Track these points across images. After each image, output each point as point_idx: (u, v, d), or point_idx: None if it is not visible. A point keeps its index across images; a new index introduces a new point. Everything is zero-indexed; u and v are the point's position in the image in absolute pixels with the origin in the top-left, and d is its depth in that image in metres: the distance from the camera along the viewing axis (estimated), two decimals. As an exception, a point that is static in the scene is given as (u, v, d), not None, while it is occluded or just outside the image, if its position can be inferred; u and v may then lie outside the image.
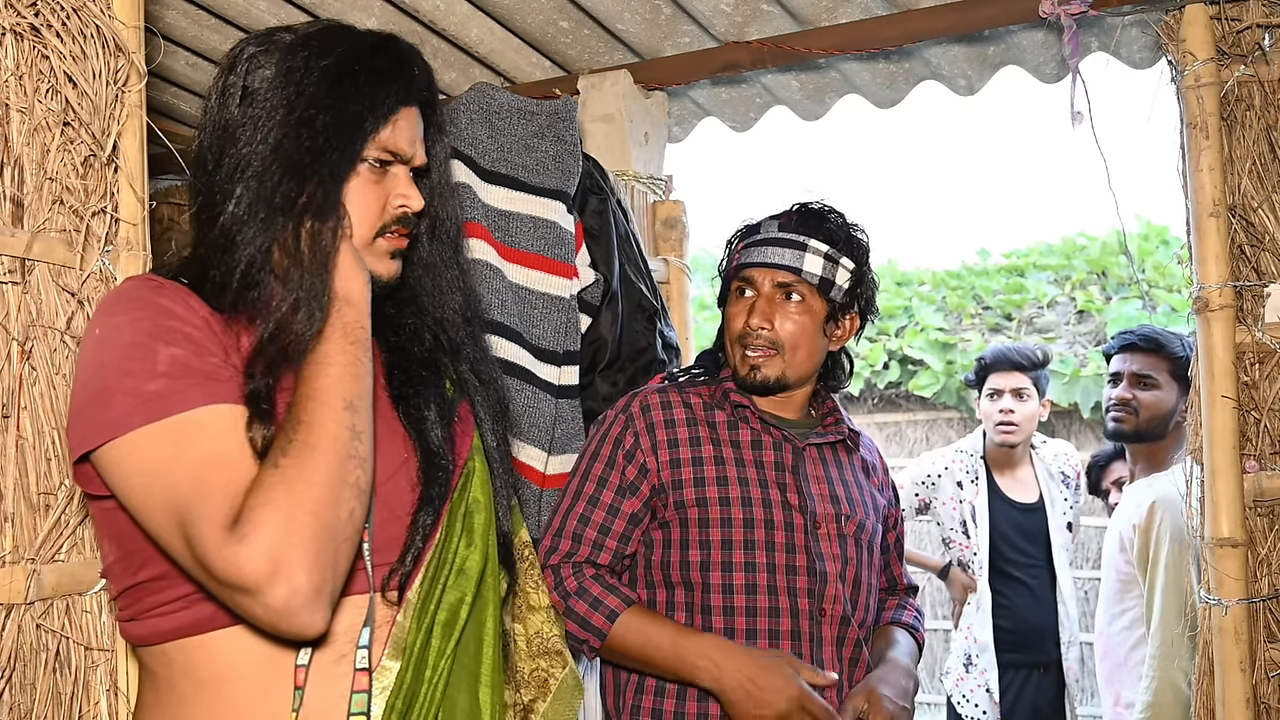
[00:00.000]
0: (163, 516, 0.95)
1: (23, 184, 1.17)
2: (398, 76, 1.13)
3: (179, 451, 0.95)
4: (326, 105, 1.07)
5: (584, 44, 2.63)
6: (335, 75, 1.09)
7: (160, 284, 1.06)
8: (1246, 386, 1.88)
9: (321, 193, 1.06)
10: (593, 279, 2.08)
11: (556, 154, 2.02)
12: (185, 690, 1.04)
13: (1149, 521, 2.52)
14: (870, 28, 2.44)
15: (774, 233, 1.75)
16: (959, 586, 3.40)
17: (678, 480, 1.70)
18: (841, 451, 1.82)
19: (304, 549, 0.91)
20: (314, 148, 1.06)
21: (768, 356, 1.71)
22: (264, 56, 1.10)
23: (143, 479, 0.96)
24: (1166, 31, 1.95)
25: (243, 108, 1.08)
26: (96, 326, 1.03)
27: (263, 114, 1.07)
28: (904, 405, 6.98)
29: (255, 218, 1.06)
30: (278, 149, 1.06)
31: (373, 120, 1.10)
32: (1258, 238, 1.90)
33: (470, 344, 1.27)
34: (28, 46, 1.18)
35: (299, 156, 1.06)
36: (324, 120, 1.07)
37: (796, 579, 1.66)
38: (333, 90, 1.08)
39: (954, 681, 3.35)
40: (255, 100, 1.08)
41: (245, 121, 1.08)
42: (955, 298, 6.98)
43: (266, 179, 1.06)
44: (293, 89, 1.08)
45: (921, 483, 3.51)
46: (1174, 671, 2.41)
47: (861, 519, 1.76)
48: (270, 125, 1.07)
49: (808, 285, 1.71)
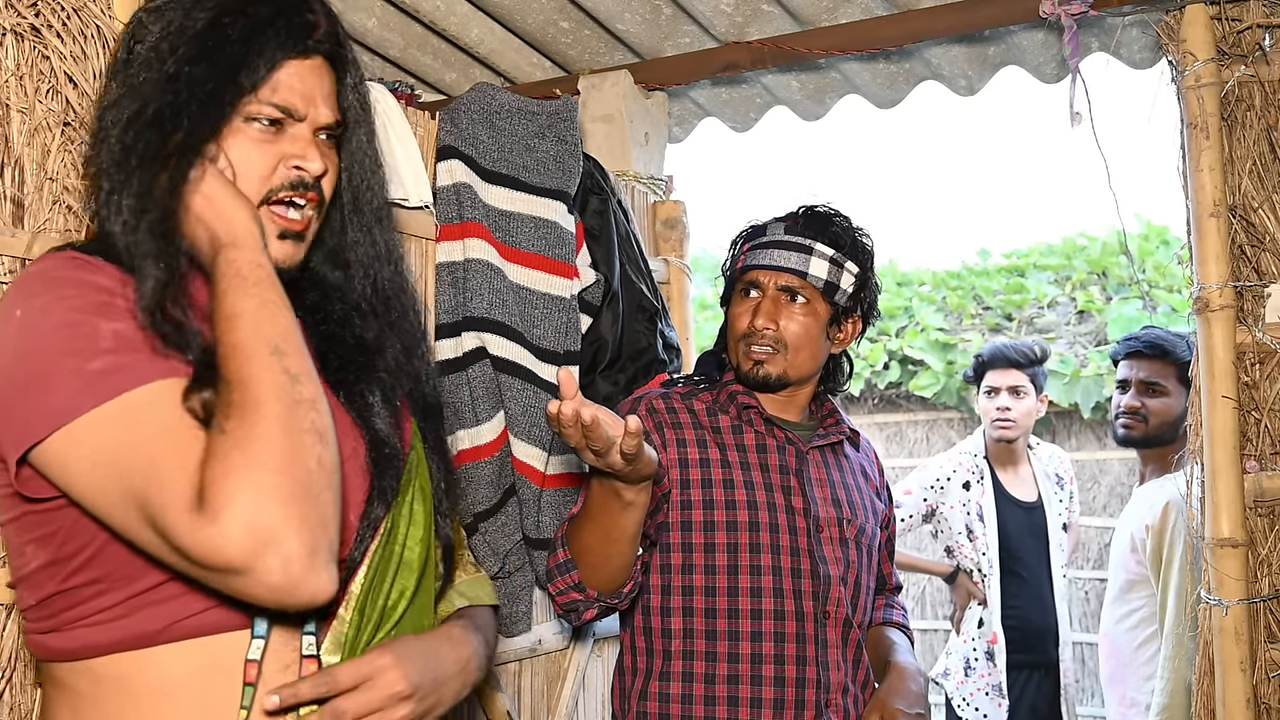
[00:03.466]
0: (123, 509, 0.86)
1: (23, 184, 1.18)
2: (282, 24, 1.00)
3: (134, 434, 0.86)
4: (196, 58, 0.97)
5: (584, 44, 2.63)
6: (209, 26, 0.98)
7: (83, 259, 0.95)
8: (1247, 386, 1.88)
9: (184, 144, 0.96)
10: (593, 279, 2.08)
11: (557, 154, 2.02)
12: (116, 707, 0.94)
13: (1163, 523, 2.52)
14: (870, 28, 2.44)
15: (780, 235, 1.74)
16: (964, 593, 3.40)
17: (685, 480, 1.70)
18: (842, 454, 1.83)
19: (283, 511, 0.82)
20: (177, 102, 0.96)
21: (771, 355, 1.72)
22: (149, 17, 1.01)
23: (97, 469, 0.86)
24: (1167, 32, 1.95)
25: (122, 74, 1.00)
26: (16, 309, 0.91)
27: (135, 74, 0.98)
28: (904, 405, 6.97)
29: (124, 175, 0.96)
30: (143, 108, 0.97)
31: (249, 72, 0.98)
32: (1258, 238, 1.90)
33: (398, 331, 1.14)
34: (28, 47, 1.18)
35: (163, 111, 0.96)
36: (192, 73, 0.97)
37: (801, 581, 1.67)
38: (205, 42, 0.98)
39: (954, 684, 3.35)
40: (132, 63, 1.00)
41: (123, 85, 0.99)
42: (955, 298, 6.97)
43: (131, 136, 0.96)
44: (166, 44, 0.98)
45: (930, 487, 3.51)
46: (1188, 672, 2.41)
47: (862, 522, 1.77)
48: (142, 84, 0.98)
49: (812, 288, 1.72)
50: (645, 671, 1.70)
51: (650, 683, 1.68)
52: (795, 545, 1.68)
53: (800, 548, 1.68)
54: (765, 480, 1.71)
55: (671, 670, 1.67)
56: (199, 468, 0.84)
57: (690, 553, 1.69)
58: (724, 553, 1.67)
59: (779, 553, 1.67)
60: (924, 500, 3.51)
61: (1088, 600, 6.22)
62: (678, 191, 2.76)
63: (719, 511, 1.68)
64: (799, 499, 1.71)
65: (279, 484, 0.83)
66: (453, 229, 1.92)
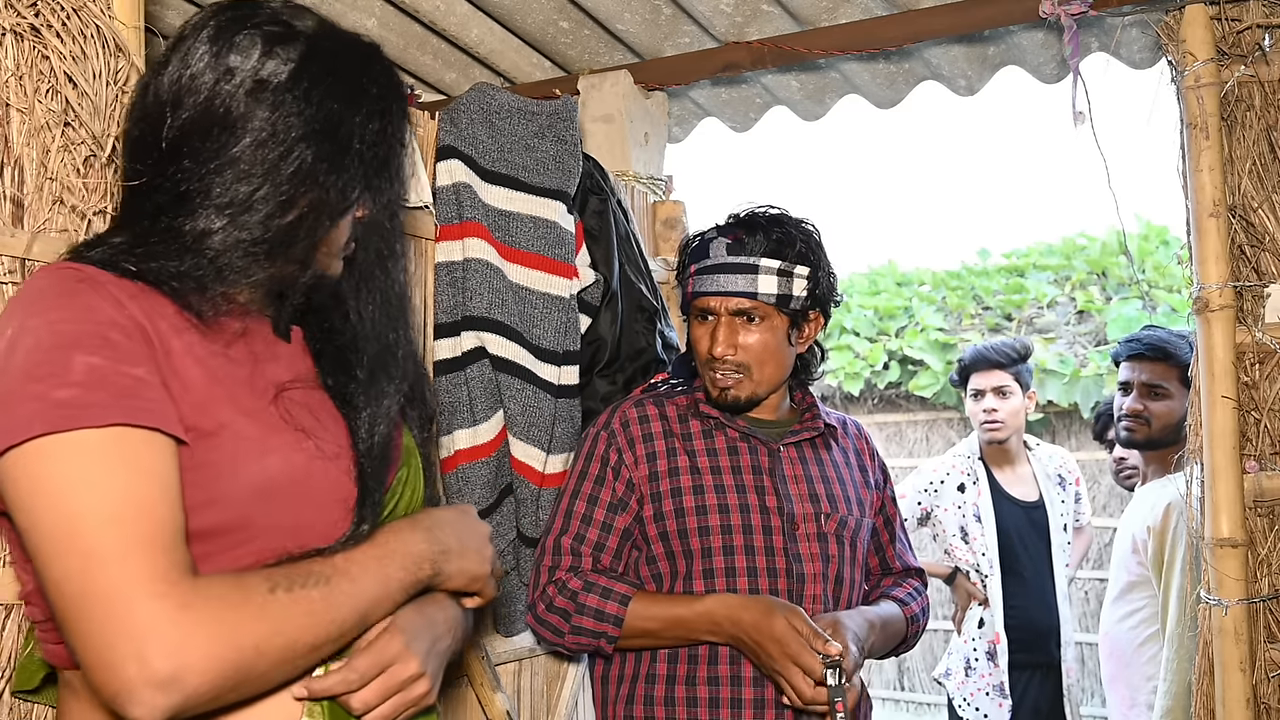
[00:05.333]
0: (56, 545, 0.84)
1: (23, 184, 1.18)
2: (404, 131, 1.10)
3: (87, 477, 0.84)
4: (341, 148, 1.02)
5: (584, 44, 2.63)
6: (368, 121, 1.03)
7: (86, 277, 0.93)
8: (1246, 387, 1.88)
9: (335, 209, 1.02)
10: (593, 279, 2.08)
11: (557, 154, 2.02)
12: None
13: (1164, 524, 2.51)
14: (870, 28, 2.44)
15: (723, 257, 1.73)
16: (963, 594, 3.40)
17: (656, 493, 1.73)
18: (821, 447, 1.83)
19: (216, 663, 0.83)
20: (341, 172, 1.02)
21: (737, 380, 1.73)
22: (279, 46, 1.00)
23: (37, 499, 0.84)
24: (1166, 32, 1.95)
25: (251, 101, 0.98)
26: (9, 326, 0.91)
27: (278, 124, 0.99)
28: (904, 405, 6.97)
29: (255, 244, 0.98)
30: (296, 173, 0.99)
31: (376, 174, 1.06)
32: (1258, 238, 1.90)
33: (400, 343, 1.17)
34: (28, 47, 1.18)
35: (307, 192, 1.00)
36: (336, 163, 1.01)
37: (776, 581, 1.68)
38: (363, 134, 1.03)
39: (955, 685, 3.35)
40: (267, 101, 0.99)
41: (252, 118, 0.98)
42: (955, 298, 6.97)
43: (270, 204, 0.98)
44: (311, 109, 1.00)
45: (924, 490, 3.51)
46: (1189, 673, 2.41)
47: (843, 515, 1.77)
48: (283, 145, 0.99)
49: (765, 305, 1.72)
50: (631, 676, 1.71)
51: (637, 686, 1.69)
52: (769, 545, 1.69)
53: (775, 547, 1.69)
54: (737, 482, 1.73)
55: (656, 673, 1.69)
56: (170, 546, 0.85)
57: (669, 560, 1.71)
58: (699, 558, 1.69)
59: (753, 553, 1.69)
60: (918, 504, 3.51)
61: (1088, 600, 6.22)
62: (677, 191, 2.76)
63: (690, 518, 1.70)
64: (772, 498, 1.72)
65: (242, 658, 0.85)
66: (452, 229, 1.92)
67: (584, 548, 1.73)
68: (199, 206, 0.97)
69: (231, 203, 0.98)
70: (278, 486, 0.97)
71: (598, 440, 1.79)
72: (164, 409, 0.90)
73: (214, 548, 0.95)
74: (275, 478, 0.97)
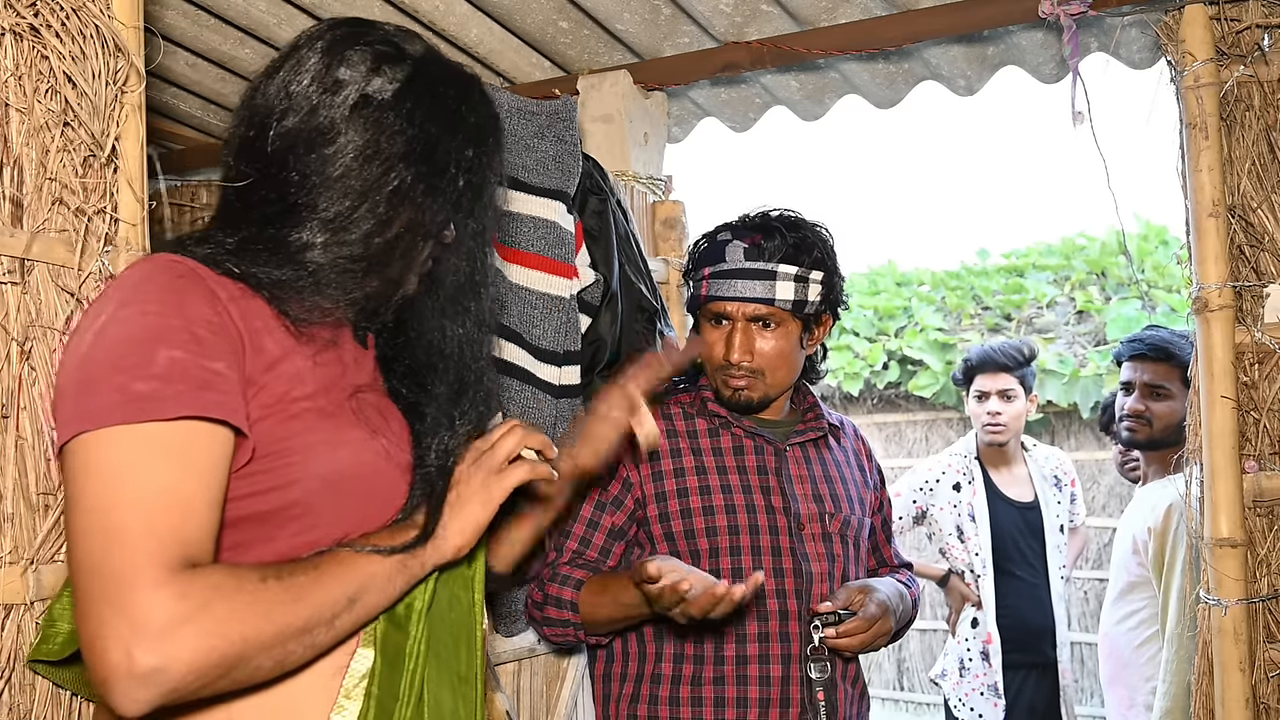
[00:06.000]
0: (88, 522, 0.87)
1: (22, 184, 1.17)
2: (499, 161, 1.15)
3: (136, 465, 0.88)
4: (438, 171, 1.06)
5: (584, 44, 2.63)
6: (464, 147, 1.08)
7: (187, 270, 0.97)
8: (1246, 387, 1.88)
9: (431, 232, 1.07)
10: (593, 279, 2.08)
11: (556, 154, 2.02)
12: None
13: (1165, 525, 2.51)
14: (870, 28, 2.44)
15: (741, 262, 1.72)
16: (957, 596, 3.40)
17: (661, 493, 1.72)
18: (824, 446, 1.83)
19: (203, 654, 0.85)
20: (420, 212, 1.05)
21: (751, 381, 1.73)
22: (387, 65, 1.05)
23: (89, 481, 0.88)
24: (1166, 32, 1.95)
25: (355, 115, 1.02)
26: (103, 311, 0.95)
27: (380, 141, 1.02)
28: (903, 405, 6.97)
29: (353, 261, 1.03)
30: (395, 192, 1.03)
31: (470, 200, 1.10)
32: (1257, 238, 1.90)
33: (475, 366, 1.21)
34: (27, 46, 1.18)
35: (404, 212, 1.04)
36: (433, 185, 1.05)
37: (784, 581, 1.68)
38: (459, 159, 1.07)
39: (950, 685, 3.36)
40: (370, 118, 1.03)
41: (355, 133, 1.02)
42: (955, 298, 6.97)
43: (370, 222, 1.02)
44: (413, 130, 1.04)
45: (919, 489, 3.51)
46: (1190, 674, 2.41)
47: (847, 514, 1.78)
48: (385, 163, 1.02)
49: (782, 311, 1.72)
50: (635, 676, 1.71)
51: (641, 686, 1.69)
52: (776, 545, 1.69)
53: (782, 547, 1.69)
54: (743, 482, 1.73)
55: (661, 673, 1.68)
56: (189, 540, 0.88)
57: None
58: (706, 558, 1.69)
59: (760, 554, 1.69)
60: (913, 502, 3.51)
61: (1087, 600, 6.22)
62: (677, 191, 2.76)
63: (697, 519, 1.70)
64: (778, 498, 1.72)
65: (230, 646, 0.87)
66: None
67: (568, 543, 1.74)
68: (305, 220, 1.02)
69: (334, 218, 1.02)
70: (345, 478, 1.02)
71: None
72: (234, 403, 0.94)
73: (276, 532, 1.00)
74: (344, 470, 1.02)
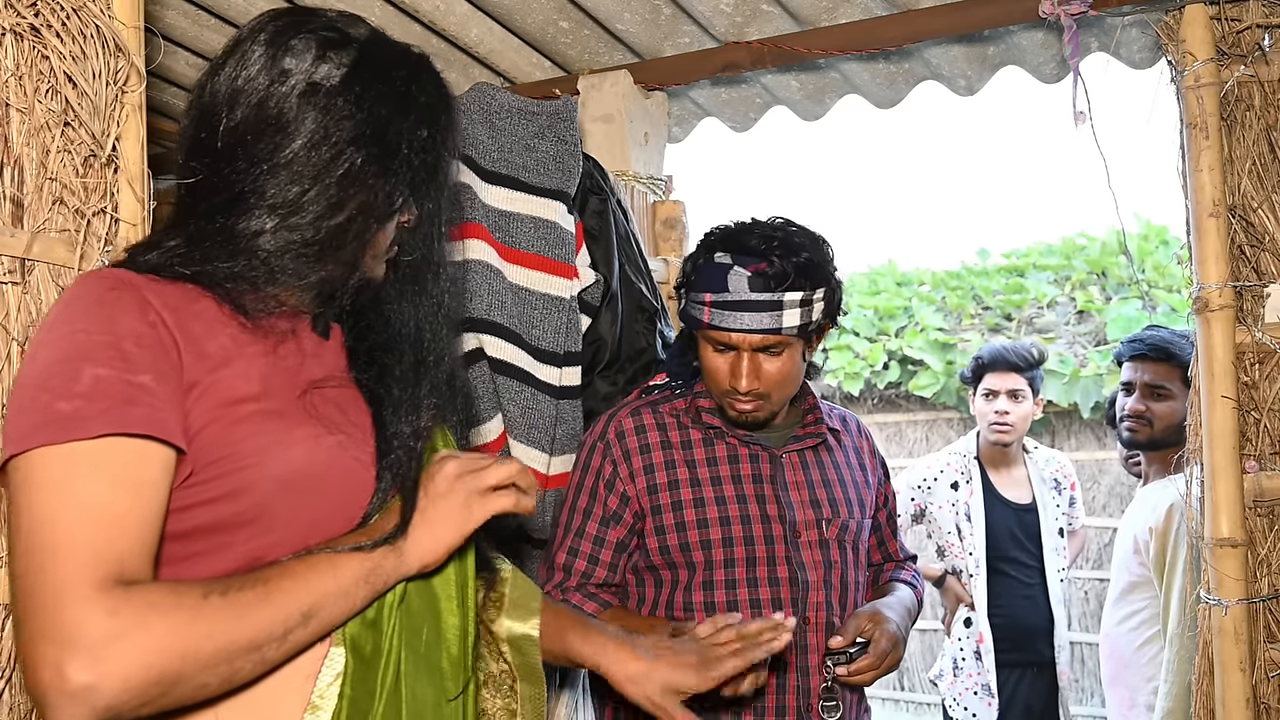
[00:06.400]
0: (24, 543, 0.86)
1: (23, 184, 1.17)
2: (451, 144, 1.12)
3: (66, 485, 0.87)
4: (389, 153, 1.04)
5: (584, 44, 2.63)
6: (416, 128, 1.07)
7: (118, 284, 0.96)
8: (1246, 387, 1.88)
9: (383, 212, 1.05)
10: (593, 279, 2.08)
11: (557, 154, 2.02)
12: None
13: (1167, 525, 2.51)
14: (870, 28, 2.44)
15: (745, 293, 1.65)
16: (952, 596, 3.40)
17: (656, 505, 1.72)
18: (823, 449, 1.82)
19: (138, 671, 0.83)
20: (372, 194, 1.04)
21: (757, 405, 1.71)
22: (333, 51, 1.04)
23: (22, 503, 0.88)
24: (1166, 32, 1.95)
25: (304, 102, 1.02)
26: (40, 333, 0.95)
27: (329, 127, 1.01)
28: (904, 405, 6.97)
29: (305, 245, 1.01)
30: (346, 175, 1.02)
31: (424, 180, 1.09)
32: (1257, 238, 1.90)
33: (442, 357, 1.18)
34: (28, 46, 1.18)
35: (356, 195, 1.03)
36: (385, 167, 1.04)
37: (779, 590, 1.67)
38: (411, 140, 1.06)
39: (946, 685, 3.37)
40: (319, 105, 1.02)
41: (304, 120, 1.01)
42: (955, 298, 6.97)
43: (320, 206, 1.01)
44: (362, 114, 1.03)
45: (917, 487, 3.52)
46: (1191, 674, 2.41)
47: (845, 519, 1.77)
48: (334, 147, 1.01)
49: (788, 337, 1.68)
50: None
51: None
52: (771, 554, 1.69)
53: (777, 555, 1.69)
54: (738, 492, 1.72)
55: None
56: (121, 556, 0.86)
57: (670, 570, 1.71)
58: (700, 569, 1.69)
59: (754, 564, 1.68)
60: (911, 500, 3.51)
61: (1087, 600, 6.22)
62: (677, 191, 2.76)
63: (692, 532, 1.70)
64: (773, 506, 1.71)
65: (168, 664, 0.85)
66: (452, 229, 1.92)
67: (577, 563, 1.74)
68: (253, 207, 1.01)
69: (283, 204, 1.01)
70: (300, 478, 0.99)
71: (594, 451, 1.78)
72: (162, 416, 0.91)
73: (234, 539, 0.97)
74: (297, 469, 0.99)
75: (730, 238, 1.72)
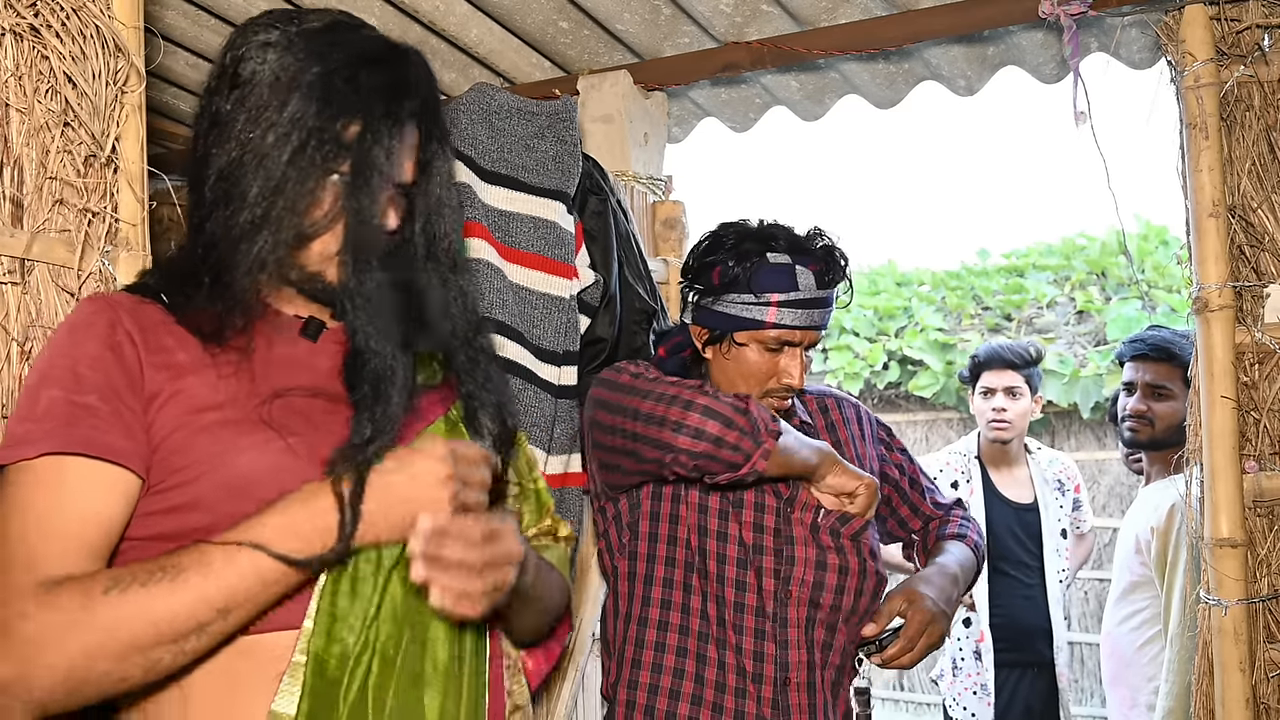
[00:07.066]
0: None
1: (23, 184, 1.17)
2: (388, 95, 1.07)
3: (10, 501, 0.95)
4: (305, 123, 1.03)
5: (584, 44, 2.63)
6: (322, 90, 1.04)
7: (101, 308, 1.03)
8: (1246, 387, 1.88)
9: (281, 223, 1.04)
10: (592, 279, 2.08)
11: (556, 154, 2.02)
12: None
13: (1168, 525, 2.51)
14: (870, 28, 2.44)
15: (814, 291, 1.70)
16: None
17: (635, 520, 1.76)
18: (822, 431, 1.84)
19: (44, 670, 0.89)
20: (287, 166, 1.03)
21: (790, 400, 1.76)
22: (261, 50, 1.06)
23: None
24: (1166, 32, 1.95)
25: (237, 100, 1.05)
26: (37, 358, 1.03)
27: (249, 117, 1.04)
28: (904, 405, 6.97)
29: (253, 223, 1.02)
30: (257, 160, 1.03)
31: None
32: (1257, 238, 1.90)
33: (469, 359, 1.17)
34: (27, 47, 1.18)
35: (276, 172, 1.03)
36: (299, 138, 1.03)
37: (763, 559, 1.69)
38: (317, 106, 1.04)
39: (946, 684, 3.37)
40: (245, 100, 1.05)
41: (242, 114, 1.04)
42: (955, 298, 6.97)
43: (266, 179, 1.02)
44: (279, 97, 1.04)
45: None
46: (1191, 674, 2.41)
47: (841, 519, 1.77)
48: (253, 133, 1.03)
49: None
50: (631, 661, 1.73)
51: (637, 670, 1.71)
52: (760, 522, 1.71)
53: (766, 525, 1.70)
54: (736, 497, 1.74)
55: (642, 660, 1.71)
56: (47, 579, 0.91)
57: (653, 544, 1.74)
58: (695, 533, 1.70)
59: (742, 528, 1.70)
60: None
61: (1087, 600, 6.22)
62: (677, 191, 2.76)
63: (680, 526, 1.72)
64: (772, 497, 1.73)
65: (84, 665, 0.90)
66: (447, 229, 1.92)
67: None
68: (209, 210, 1.05)
69: (225, 194, 1.04)
70: (247, 484, 0.99)
71: None
72: (104, 436, 0.96)
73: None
74: (244, 475, 0.99)
75: (779, 238, 1.73)
